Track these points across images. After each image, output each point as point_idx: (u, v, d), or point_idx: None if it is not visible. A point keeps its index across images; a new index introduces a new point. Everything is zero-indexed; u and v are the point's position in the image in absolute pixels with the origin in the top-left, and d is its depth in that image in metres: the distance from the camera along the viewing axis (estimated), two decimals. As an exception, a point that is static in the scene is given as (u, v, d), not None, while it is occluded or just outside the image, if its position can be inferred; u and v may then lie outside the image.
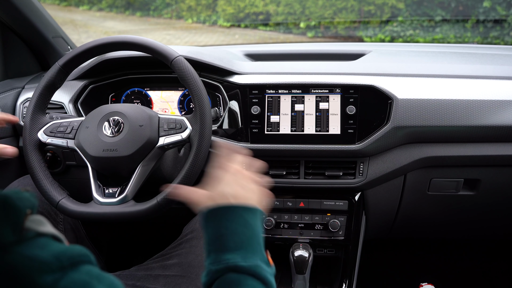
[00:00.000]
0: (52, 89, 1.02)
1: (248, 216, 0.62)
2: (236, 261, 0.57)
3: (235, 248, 0.58)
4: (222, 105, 1.21)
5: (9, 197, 0.41)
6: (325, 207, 1.18)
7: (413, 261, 1.76)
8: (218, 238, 0.60)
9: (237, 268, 0.56)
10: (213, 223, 0.61)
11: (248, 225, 0.61)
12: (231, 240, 0.59)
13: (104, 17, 7.50)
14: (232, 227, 0.60)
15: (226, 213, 0.61)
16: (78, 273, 0.40)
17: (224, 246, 0.59)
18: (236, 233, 0.60)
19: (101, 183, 0.96)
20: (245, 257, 0.58)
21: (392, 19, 5.03)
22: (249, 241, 0.60)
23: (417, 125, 1.08)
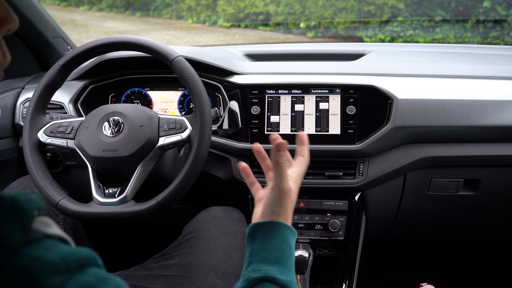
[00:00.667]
0: (52, 89, 1.02)
1: (290, 236, 0.67)
2: (274, 273, 0.62)
3: (275, 262, 0.63)
4: (222, 105, 1.21)
5: (17, 199, 0.41)
6: (325, 207, 1.18)
7: (413, 261, 1.76)
8: (261, 251, 0.64)
9: (274, 279, 0.61)
10: (259, 237, 0.66)
11: (288, 244, 0.66)
12: (273, 254, 0.64)
13: (104, 17, 7.51)
14: (276, 242, 0.65)
15: (273, 229, 0.66)
16: (85, 275, 0.41)
17: (266, 258, 0.63)
18: (278, 249, 0.64)
19: (101, 183, 0.96)
20: (282, 272, 0.63)
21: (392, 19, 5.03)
22: (287, 259, 0.65)
23: (417, 125, 1.08)
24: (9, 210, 0.40)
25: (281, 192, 0.67)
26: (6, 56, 0.46)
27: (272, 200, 0.68)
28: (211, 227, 1.05)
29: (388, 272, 1.71)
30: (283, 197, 0.67)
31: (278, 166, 0.66)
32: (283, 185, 0.67)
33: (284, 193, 0.67)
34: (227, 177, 1.18)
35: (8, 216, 0.40)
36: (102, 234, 1.53)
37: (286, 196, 0.67)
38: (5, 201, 0.41)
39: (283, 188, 0.67)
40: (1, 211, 0.40)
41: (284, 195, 0.67)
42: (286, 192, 0.67)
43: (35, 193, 0.45)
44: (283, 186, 0.67)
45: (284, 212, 0.68)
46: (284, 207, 0.68)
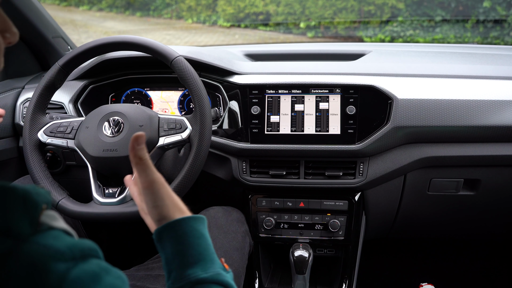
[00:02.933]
0: (52, 89, 1.02)
1: (199, 227, 0.63)
2: (197, 275, 0.58)
3: (194, 262, 0.59)
4: (222, 105, 1.21)
5: (28, 191, 0.44)
6: (325, 207, 1.18)
7: (413, 261, 1.76)
8: (176, 255, 0.60)
9: (200, 280, 0.58)
10: (168, 242, 0.61)
11: (200, 235, 0.62)
12: (189, 255, 0.60)
13: (104, 17, 7.50)
14: (187, 241, 0.60)
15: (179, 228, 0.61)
16: (88, 264, 0.43)
17: (184, 262, 0.59)
18: (192, 246, 0.60)
19: (101, 183, 0.96)
20: (205, 268, 0.59)
21: (392, 19, 5.03)
22: (205, 252, 0.61)
23: (417, 125, 1.08)
24: (21, 202, 0.42)
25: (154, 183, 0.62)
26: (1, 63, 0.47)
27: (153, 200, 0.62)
28: (211, 227, 1.05)
29: (388, 272, 1.71)
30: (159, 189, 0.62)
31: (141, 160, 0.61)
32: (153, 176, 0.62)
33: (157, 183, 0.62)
34: (227, 177, 1.18)
35: (20, 207, 0.42)
36: (102, 234, 1.52)
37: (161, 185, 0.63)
38: (17, 192, 0.42)
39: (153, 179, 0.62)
40: (13, 202, 0.42)
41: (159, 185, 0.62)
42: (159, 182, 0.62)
43: (43, 188, 0.47)
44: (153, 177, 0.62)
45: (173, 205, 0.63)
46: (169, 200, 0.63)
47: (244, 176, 1.16)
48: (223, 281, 0.59)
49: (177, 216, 0.62)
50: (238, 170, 1.16)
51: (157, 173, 0.63)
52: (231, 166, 1.16)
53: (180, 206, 0.64)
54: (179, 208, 0.64)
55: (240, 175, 1.16)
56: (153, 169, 0.63)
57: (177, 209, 0.63)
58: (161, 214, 0.62)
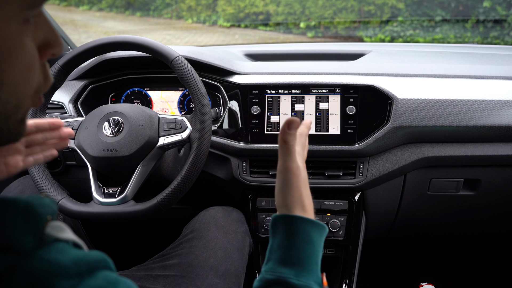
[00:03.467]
0: (52, 89, 1.02)
1: (314, 233, 0.61)
2: (288, 277, 0.57)
3: (292, 263, 0.58)
4: (222, 105, 1.21)
5: (30, 203, 0.41)
6: (325, 207, 1.18)
7: (413, 261, 1.76)
8: (279, 248, 0.59)
9: (288, 284, 0.57)
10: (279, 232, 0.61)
11: (311, 242, 0.60)
12: (290, 254, 0.59)
13: (104, 17, 7.50)
14: (294, 241, 0.59)
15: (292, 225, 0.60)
16: (95, 279, 0.40)
17: (283, 258, 0.59)
18: (297, 248, 0.59)
19: (101, 183, 0.96)
20: (299, 275, 0.57)
21: (392, 19, 5.03)
22: (307, 259, 0.59)
23: (417, 125, 1.08)
24: (22, 215, 0.40)
25: (288, 171, 0.61)
26: (49, 80, 0.44)
27: (281, 186, 0.62)
28: (211, 227, 1.05)
29: (388, 272, 1.71)
30: (291, 178, 0.61)
31: (286, 145, 0.61)
32: (290, 164, 0.61)
33: (292, 173, 0.61)
34: (227, 177, 1.18)
35: (21, 220, 0.40)
36: (102, 234, 1.52)
37: (295, 176, 0.61)
38: (19, 205, 0.41)
39: (290, 167, 0.61)
40: (15, 216, 0.40)
41: (292, 175, 0.61)
42: (294, 172, 0.61)
43: (48, 197, 0.46)
44: (290, 165, 0.61)
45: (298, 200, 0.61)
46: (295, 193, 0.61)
47: (244, 176, 1.16)
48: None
49: (297, 212, 0.61)
50: (238, 170, 1.16)
51: (296, 163, 0.62)
52: (231, 166, 1.16)
53: (305, 204, 0.62)
54: (303, 205, 0.62)
55: (240, 175, 1.16)
56: (294, 157, 0.62)
57: (299, 205, 0.61)
58: (284, 201, 0.62)
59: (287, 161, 0.62)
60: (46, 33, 0.42)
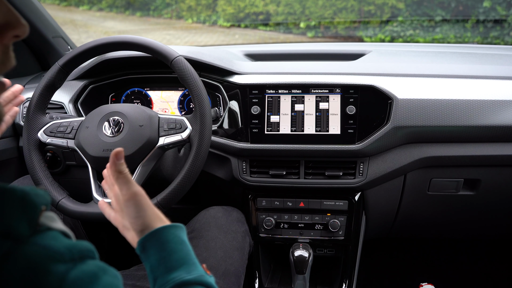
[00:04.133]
0: (52, 89, 1.02)
1: (180, 233, 0.66)
2: (182, 277, 0.60)
3: (178, 265, 0.62)
4: (222, 105, 1.21)
5: (27, 193, 0.43)
6: (325, 207, 1.18)
7: (413, 261, 1.76)
8: (160, 262, 0.62)
9: (185, 282, 0.60)
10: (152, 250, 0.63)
11: (182, 241, 0.65)
12: (172, 260, 0.62)
13: (104, 17, 7.50)
14: (170, 247, 0.63)
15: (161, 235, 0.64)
16: (86, 265, 0.43)
17: (168, 267, 0.62)
18: (175, 252, 0.63)
19: (101, 183, 0.96)
20: (189, 270, 0.61)
21: (392, 19, 5.03)
22: (188, 256, 0.63)
23: (417, 125, 1.08)
24: (19, 203, 0.42)
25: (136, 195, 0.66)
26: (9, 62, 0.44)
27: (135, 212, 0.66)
28: (211, 227, 1.05)
29: (388, 272, 1.71)
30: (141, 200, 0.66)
31: (121, 174, 0.66)
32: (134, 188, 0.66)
33: (139, 195, 0.66)
34: (227, 177, 1.18)
35: (18, 208, 0.42)
36: (102, 234, 1.52)
37: (143, 197, 0.67)
38: (16, 193, 0.42)
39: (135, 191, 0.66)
40: (12, 203, 0.42)
41: (141, 197, 0.66)
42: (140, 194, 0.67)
43: (43, 189, 0.47)
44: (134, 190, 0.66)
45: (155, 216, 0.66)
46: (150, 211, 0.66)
47: (244, 176, 1.16)
48: (207, 282, 0.61)
49: (159, 225, 0.65)
50: (238, 170, 1.16)
51: (137, 185, 0.68)
52: (231, 166, 1.16)
53: (161, 216, 0.68)
54: (160, 218, 0.67)
55: (240, 175, 1.16)
56: (134, 182, 0.67)
57: (158, 219, 0.67)
58: (144, 224, 0.65)
59: (130, 188, 0.66)
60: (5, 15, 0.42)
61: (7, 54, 0.44)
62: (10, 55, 0.44)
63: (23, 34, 0.44)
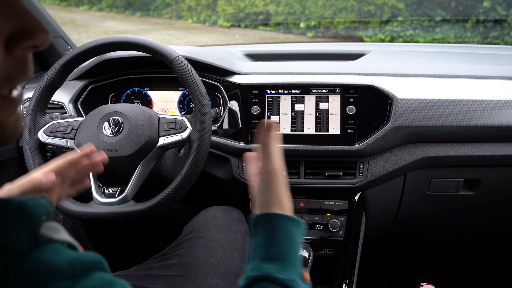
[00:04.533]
0: (52, 89, 1.02)
1: (292, 229, 0.63)
2: (272, 272, 0.58)
3: (276, 259, 0.60)
4: (222, 105, 1.21)
5: (25, 203, 0.41)
6: (325, 207, 1.18)
7: (413, 261, 1.76)
8: (262, 246, 0.61)
9: (273, 279, 0.58)
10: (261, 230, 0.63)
11: (291, 237, 0.62)
12: (272, 251, 0.60)
13: (104, 17, 7.50)
14: (276, 237, 0.61)
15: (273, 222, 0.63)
16: (90, 280, 0.40)
17: (266, 255, 0.60)
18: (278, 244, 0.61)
19: (101, 183, 0.96)
20: (283, 269, 0.59)
21: (392, 19, 5.03)
22: (289, 254, 0.61)
23: (417, 125, 1.08)
24: (16, 215, 0.40)
25: (269, 173, 0.65)
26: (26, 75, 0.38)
27: (262, 187, 0.66)
28: (211, 227, 1.05)
29: (388, 272, 1.71)
30: (271, 179, 0.65)
31: (265, 147, 0.66)
32: (270, 166, 0.65)
33: (272, 174, 0.65)
34: (227, 177, 1.18)
35: (16, 221, 0.39)
36: (102, 234, 1.52)
37: (275, 177, 0.65)
38: (13, 205, 0.40)
39: (270, 168, 0.65)
40: (9, 216, 0.39)
41: (272, 176, 0.65)
42: (274, 173, 0.65)
43: (44, 197, 0.45)
44: (270, 167, 0.65)
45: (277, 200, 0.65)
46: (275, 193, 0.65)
47: (244, 176, 1.16)
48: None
49: (276, 211, 0.64)
50: (238, 170, 1.16)
51: (276, 163, 0.66)
52: (231, 166, 1.16)
53: (283, 203, 0.65)
54: (282, 204, 0.65)
55: (240, 175, 1.16)
56: (274, 159, 0.66)
57: (278, 205, 0.64)
58: (265, 201, 0.65)
59: (268, 163, 0.65)
60: (19, 21, 0.35)
61: (22, 67, 0.37)
62: (27, 67, 0.37)
63: (43, 44, 0.37)
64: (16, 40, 0.36)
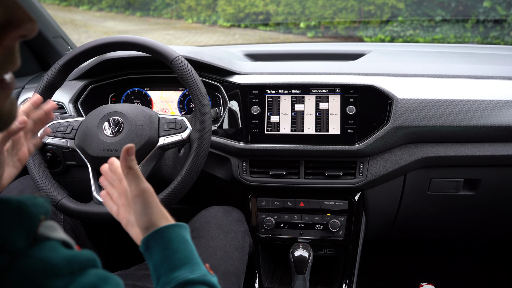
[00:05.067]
0: (52, 89, 1.02)
1: (183, 233, 0.66)
2: (185, 276, 0.60)
3: (181, 264, 0.62)
4: (222, 105, 1.21)
5: (23, 203, 0.41)
6: (325, 207, 1.18)
7: (413, 261, 1.76)
8: (164, 260, 0.62)
9: (188, 281, 0.60)
10: (155, 248, 0.63)
11: (185, 241, 0.65)
12: (176, 259, 0.62)
13: (104, 17, 7.50)
14: (173, 246, 0.63)
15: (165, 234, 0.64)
16: (87, 276, 0.41)
17: (171, 266, 0.62)
18: (179, 251, 0.63)
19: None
20: (192, 269, 0.62)
21: (392, 19, 5.03)
22: (191, 256, 0.64)
23: (417, 125, 1.08)
24: (15, 214, 0.40)
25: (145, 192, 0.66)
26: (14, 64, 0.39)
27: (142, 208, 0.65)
28: (211, 227, 1.05)
29: (388, 272, 1.71)
30: (149, 197, 0.66)
31: (132, 170, 0.66)
32: (144, 185, 0.66)
33: (148, 192, 0.66)
34: (227, 177, 1.18)
35: (14, 220, 0.40)
36: (102, 234, 1.52)
37: (151, 194, 0.66)
38: (11, 205, 0.40)
39: (144, 188, 0.66)
40: (7, 215, 0.40)
41: (150, 194, 0.66)
42: (149, 191, 0.66)
43: (42, 196, 0.45)
44: (143, 187, 0.66)
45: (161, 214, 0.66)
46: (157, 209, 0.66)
47: (244, 176, 1.16)
48: (210, 282, 0.62)
49: (164, 224, 0.65)
50: (238, 170, 1.16)
51: (146, 182, 0.67)
52: (231, 166, 1.16)
53: (166, 215, 0.68)
54: (165, 216, 0.67)
55: (240, 175, 1.16)
56: (143, 179, 0.67)
57: (163, 218, 0.67)
58: (149, 221, 0.65)
59: (139, 184, 0.66)
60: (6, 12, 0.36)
61: (10, 56, 0.38)
62: (15, 56, 0.39)
63: (30, 33, 0.38)
64: (3, 30, 0.36)
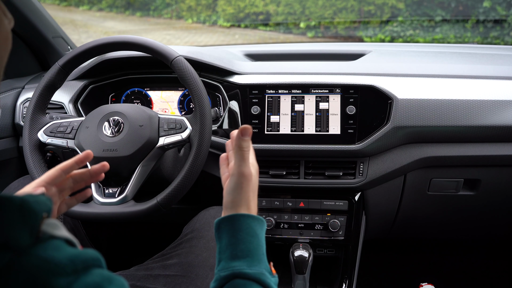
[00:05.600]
0: (52, 89, 1.02)
1: (256, 226, 0.65)
2: (242, 268, 0.60)
3: (243, 256, 0.62)
4: (222, 105, 1.21)
5: (26, 200, 0.41)
6: (325, 207, 1.18)
7: (413, 261, 1.76)
8: (228, 247, 0.63)
9: (243, 274, 0.60)
10: (224, 233, 0.64)
11: (255, 234, 0.64)
12: (239, 249, 0.62)
13: (104, 17, 7.50)
14: (241, 236, 0.63)
15: (236, 222, 0.64)
16: (91, 276, 0.41)
17: (233, 254, 0.62)
18: (243, 242, 0.63)
19: (101, 183, 0.96)
20: (251, 264, 0.61)
21: (392, 19, 5.03)
22: (255, 250, 0.63)
23: (417, 125, 1.08)
24: (18, 212, 0.40)
25: (241, 176, 0.65)
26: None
27: (232, 188, 0.66)
28: (211, 227, 1.05)
29: (388, 272, 1.71)
30: (243, 182, 0.65)
31: (241, 151, 0.65)
32: (244, 169, 0.66)
33: (244, 177, 0.65)
34: (227, 177, 1.18)
35: (17, 217, 0.40)
36: (102, 234, 1.52)
37: (247, 180, 0.66)
38: (14, 202, 0.40)
39: (243, 172, 0.65)
40: (10, 213, 0.40)
41: (245, 179, 0.66)
42: (246, 177, 0.66)
43: (44, 195, 0.45)
44: (243, 170, 0.65)
45: (245, 201, 0.66)
46: (244, 195, 0.66)
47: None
48: (265, 282, 0.60)
49: (242, 212, 0.65)
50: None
51: (249, 168, 0.66)
52: (231, 166, 1.16)
53: (250, 205, 0.67)
54: (248, 206, 0.66)
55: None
56: (248, 163, 0.66)
57: (245, 206, 0.66)
58: (232, 202, 0.66)
59: (241, 166, 0.66)
60: None
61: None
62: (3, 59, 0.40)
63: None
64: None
